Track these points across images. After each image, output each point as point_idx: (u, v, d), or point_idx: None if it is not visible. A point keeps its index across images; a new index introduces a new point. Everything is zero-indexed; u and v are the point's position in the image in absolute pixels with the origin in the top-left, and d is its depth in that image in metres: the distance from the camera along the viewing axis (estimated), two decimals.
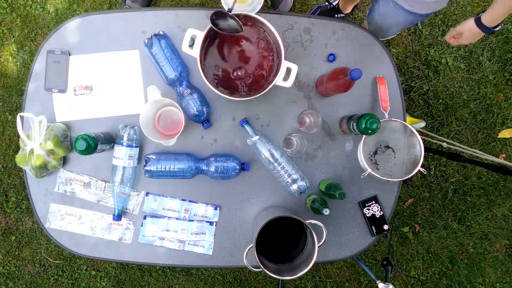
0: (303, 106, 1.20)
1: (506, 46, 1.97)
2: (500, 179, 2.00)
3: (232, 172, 1.12)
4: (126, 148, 1.09)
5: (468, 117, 1.98)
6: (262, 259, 1.04)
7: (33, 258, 2.00)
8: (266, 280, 1.99)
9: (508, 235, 2.02)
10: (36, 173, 1.11)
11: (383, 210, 1.19)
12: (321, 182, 1.19)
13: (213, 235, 1.18)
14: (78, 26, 1.17)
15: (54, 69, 1.16)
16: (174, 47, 1.13)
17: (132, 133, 1.10)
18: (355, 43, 1.21)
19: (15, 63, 1.95)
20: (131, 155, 1.10)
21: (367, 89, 1.20)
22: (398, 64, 1.96)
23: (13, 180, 1.98)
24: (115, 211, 1.13)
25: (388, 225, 1.19)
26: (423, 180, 2.00)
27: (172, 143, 1.14)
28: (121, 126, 1.11)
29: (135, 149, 1.11)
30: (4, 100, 1.96)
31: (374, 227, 1.19)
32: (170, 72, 1.10)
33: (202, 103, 1.12)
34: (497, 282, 2.03)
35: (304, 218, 1.01)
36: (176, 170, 1.11)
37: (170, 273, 1.99)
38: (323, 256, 1.20)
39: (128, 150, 1.09)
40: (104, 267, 2.00)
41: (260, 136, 1.11)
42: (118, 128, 1.11)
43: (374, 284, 1.43)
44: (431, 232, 2.01)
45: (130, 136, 1.09)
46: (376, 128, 1.00)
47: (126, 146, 1.09)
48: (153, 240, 1.18)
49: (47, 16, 1.94)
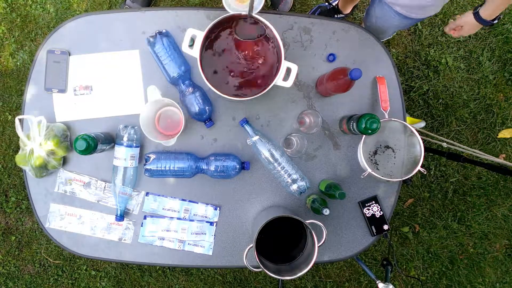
0: (303, 106, 1.20)
1: (506, 46, 1.97)
2: (500, 179, 2.00)
3: (232, 171, 1.12)
4: (127, 148, 1.09)
5: (468, 117, 1.98)
6: (262, 259, 1.04)
7: (33, 258, 2.00)
8: (266, 280, 1.99)
9: (508, 235, 2.02)
10: (36, 173, 1.11)
11: (383, 210, 1.19)
12: (321, 182, 1.19)
13: (213, 235, 1.18)
14: (78, 26, 1.17)
15: (54, 69, 1.16)
16: (176, 45, 1.13)
17: (133, 133, 1.10)
18: (355, 43, 1.21)
19: (15, 63, 1.95)
20: (132, 155, 1.10)
21: (367, 89, 1.20)
22: (398, 64, 1.96)
23: (13, 180, 1.98)
24: (117, 211, 1.13)
25: (388, 225, 1.19)
26: (423, 180, 2.00)
27: (172, 143, 1.14)
28: (121, 126, 1.10)
29: (136, 149, 1.11)
30: (4, 100, 1.96)
31: (374, 227, 1.19)
32: (173, 70, 1.10)
33: (204, 102, 1.12)
34: (497, 282, 2.03)
35: (304, 218, 1.01)
36: (176, 169, 1.11)
37: (170, 273, 1.99)
38: (323, 256, 1.20)
39: (128, 150, 1.09)
40: (104, 267, 2.00)
41: (260, 136, 1.11)
42: (119, 128, 1.11)
43: (374, 284, 1.43)
44: (431, 232, 2.01)
45: (130, 136, 1.09)
46: (376, 128, 1.00)
47: (126, 146, 1.09)
48: (153, 240, 1.18)
49: (47, 16, 1.94)
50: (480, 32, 1.97)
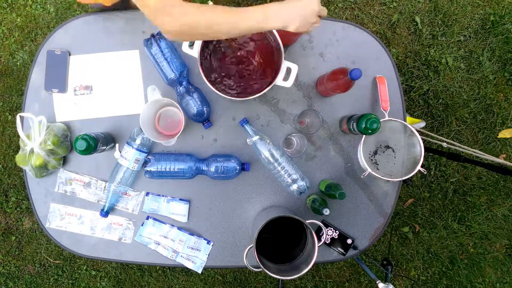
0: (303, 106, 1.20)
1: (506, 46, 1.97)
2: (500, 179, 2.00)
3: (232, 172, 1.12)
4: (136, 151, 1.10)
5: (468, 117, 1.98)
6: (262, 259, 1.04)
7: (33, 258, 2.00)
8: (266, 280, 1.99)
9: (508, 235, 2.02)
10: (36, 173, 1.11)
11: (336, 228, 1.19)
12: (321, 182, 1.19)
13: (207, 255, 1.18)
14: (78, 26, 1.17)
15: (54, 69, 1.16)
16: (174, 47, 1.13)
17: (146, 138, 1.10)
18: (355, 43, 1.21)
19: (15, 63, 1.95)
20: (138, 159, 1.11)
21: (367, 89, 1.20)
22: (398, 64, 1.96)
23: (13, 180, 1.98)
24: (104, 206, 1.14)
25: (351, 238, 1.18)
26: (423, 180, 2.00)
27: (172, 143, 1.14)
28: (137, 129, 1.11)
29: (143, 154, 1.12)
30: (4, 100, 1.96)
31: (339, 248, 1.19)
32: (170, 72, 1.10)
33: (202, 103, 1.12)
34: (497, 282, 2.03)
35: (304, 218, 1.01)
36: (176, 170, 1.11)
37: (170, 273, 1.99)
38: (323, 256, 1.20)
39: (136, 154, 1.10)
40: (104, 267, 2.00)
41: (260, 136, 1.11)
42: (134, 130, 1.12)
43: (374, 284, 1.43)
44: (431, 232, 2.01)
45: (143, 141, 1.10)
46: (376, 128, 1.00)
47: (136, 149, 1.09)
48: (148, 242, 1.17)
49: (47, 16, 1.94)
50: (480, 32, 1.97)
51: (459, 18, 1.96)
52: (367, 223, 1.21)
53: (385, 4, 1.97)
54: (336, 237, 1.19)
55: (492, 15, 1.96)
